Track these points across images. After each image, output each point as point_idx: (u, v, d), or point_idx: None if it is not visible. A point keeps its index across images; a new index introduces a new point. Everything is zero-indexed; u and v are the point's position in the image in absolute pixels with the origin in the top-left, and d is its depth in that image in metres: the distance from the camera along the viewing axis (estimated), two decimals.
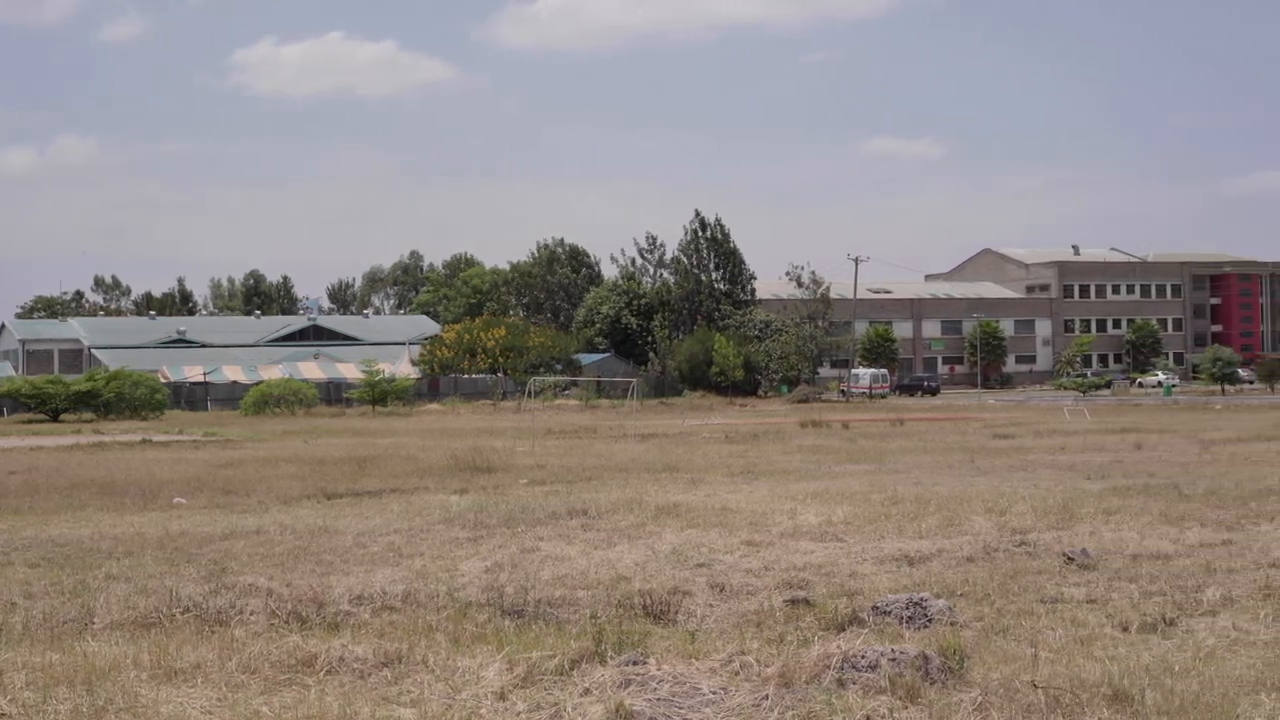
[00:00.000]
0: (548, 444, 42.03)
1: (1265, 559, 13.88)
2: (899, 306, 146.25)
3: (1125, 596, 11.75)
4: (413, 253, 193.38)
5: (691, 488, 24.67)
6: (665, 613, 11.27)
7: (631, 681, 8.39)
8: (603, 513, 19.73)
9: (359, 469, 30.14)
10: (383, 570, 14.42)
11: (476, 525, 18.50)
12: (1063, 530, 16.82)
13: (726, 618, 11.22)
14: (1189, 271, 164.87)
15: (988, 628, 10.47)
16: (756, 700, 8.03)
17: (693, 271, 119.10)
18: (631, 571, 13.93)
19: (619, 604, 11.71)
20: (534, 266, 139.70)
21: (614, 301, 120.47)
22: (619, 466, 31.09)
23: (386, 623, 11.00)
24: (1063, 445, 37.73)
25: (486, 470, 29.33)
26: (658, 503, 21.04)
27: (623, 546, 16.10)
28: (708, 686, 8.33)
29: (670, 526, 18.00)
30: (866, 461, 32.61)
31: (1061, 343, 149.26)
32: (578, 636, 9.88)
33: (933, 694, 8.10)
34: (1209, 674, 8.61)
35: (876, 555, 14.92)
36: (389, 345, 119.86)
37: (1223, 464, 29.07)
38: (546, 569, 14.28)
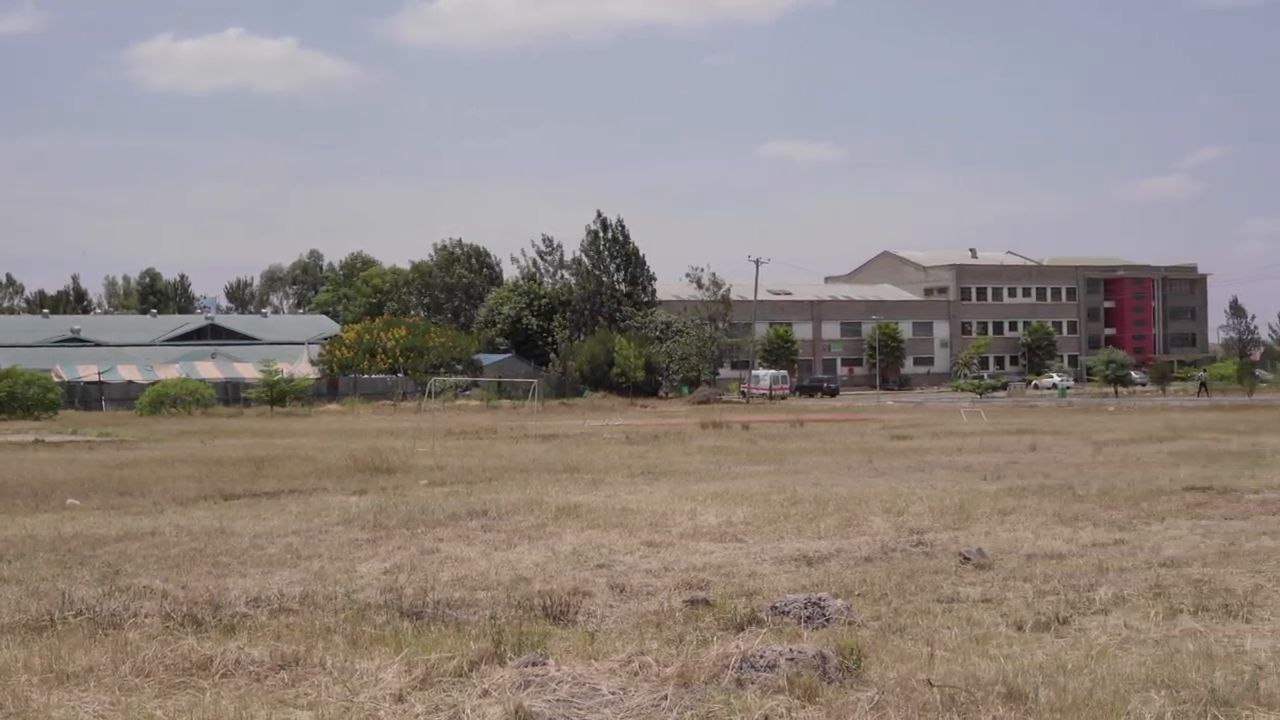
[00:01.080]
0: (448, 445, 41.84)
1: (1156, 558, 14.09)
2: (799, 308, 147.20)
3: (1020, 596, 11.88)
4: (312, 252, 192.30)
5: (592, 488, 24.66)
6: (565, 613, 11.26)
7: (531, 682, 8.38)
8: (503, 514, 19.68)
9: (256, 470, 29.84)
10: (280, 572, 14.29)
11: (375, 526, 18.39)
12: (959, 530, 16.99)
13: (626, 618, 11.22)
14: (1083, 275, 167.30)
15: (885, 627, 10.55)
16: (655, 700, 8.04)
17: (593, 272, 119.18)
18: (532, 572, 13.91)
19: (519, 605, 11.68)
20: (435, 267, 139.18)
21: (515, 302, 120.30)
22: (520, 467, 31.02)
23: (283, 625, 10.90)
24: (959, 446, 38.09)
25: (386, 471, 29.16)
26: (558, 503, 21.02)
27: (523, 547, 16.07)
28: (607, 687, 8.33)
29: (571, 527, 17.99)
30: (766, 462, 32.74)
31: (959, 345, 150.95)
32: (477, 638, 9.84)
33: (830, 693, 8.15)
34: (1101, 671, 8.73)
35: (776, 555, 14.99)
36: (288, 345, 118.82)
37: (1115, 465, 29.48)
38: (446, 570, 14.22)
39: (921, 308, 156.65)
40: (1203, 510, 18.85)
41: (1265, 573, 12.77)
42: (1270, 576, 12.50)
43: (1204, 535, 16.05)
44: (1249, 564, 13.48)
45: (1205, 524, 17.21)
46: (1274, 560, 13.66)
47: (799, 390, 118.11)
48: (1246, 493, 21.16)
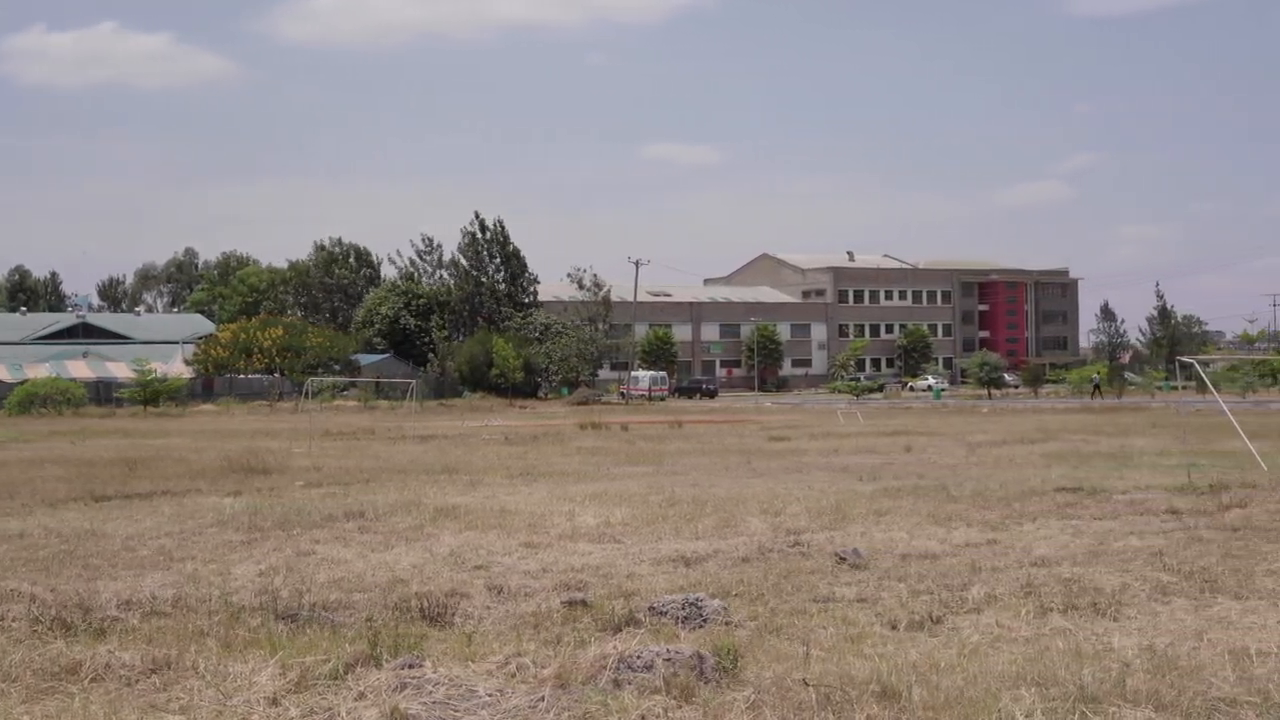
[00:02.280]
0: (325, 445, 41.48)
1: (1027, 558, 14.29)
2: (678, 310, 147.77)
3: (894, 595, 12.00)
4: (187, 250, 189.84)
5: (470, 489, 24.56)
6: (442, 615, 11.20)
7: (407, 685, 8.33)
8: (380, 515, 19.55)
9: (129, 471, 29.37)
10: (152, 574, 14.08)
11: (251, 528, 18.17)
12: (835, 531, 17.12)
13: (504, 620, 11.19)
14: (958, 278, 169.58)
15: (762, 627, 10.60)
16: (533, 702, 8.03)
17: (472, 273, 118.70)
18: (409, 574, 13.82)
19: (396, 607, 11.60)
20: (313, 266, 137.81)
21: (393, 302, 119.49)
22: (397, 468, 30.82)
23: (155, 628, 10.74)
24: (836, 448, 38.40)
25: (262, 472, 28.83)
26: (436, 504, 20.92)
27: (400, 549, 15.97)
28: (484, 689, 8.30)
29: (448, 528, 17.91)
30: (645, 463, 32.80)
31: (836, 347, 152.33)
32: (353, 640, 9.77)
33: (707, 693, 8.18)
34: (973, 670, 8.83)
35: (654, 556, 15.02)
36: (162, 344, 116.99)
37: (988, 466, 29.88)
38: (322, 572, 14.10)
39: (799, 310, 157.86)
40: (1073, 510, 19.15)
41: (1133, 572, 13.00)
42: (1137, 575, 12.73)
43: (1074, 535, 16.31)
44: (1117, 563, 13.72)
45: (1075, 524, 17.48)
46: (1141, 560, 13.91)
47: (678, 391, 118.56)
48: (1115, 493, 21.54)
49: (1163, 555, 14.13)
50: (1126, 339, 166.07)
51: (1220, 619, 10.71)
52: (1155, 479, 24.25)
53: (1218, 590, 11.98)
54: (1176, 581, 12.41)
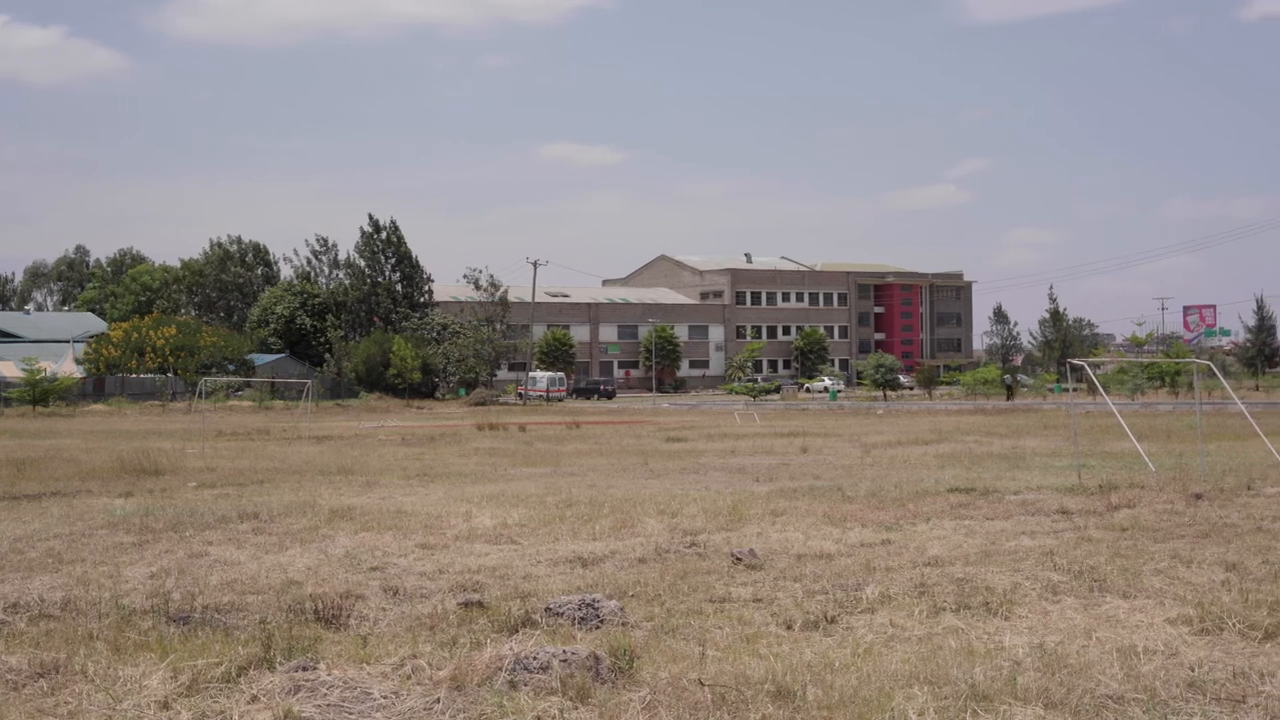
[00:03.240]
0: (219, 446, 41.05)
1: (921, 557, 14.42)
2: (576, 310, 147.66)
3: (790, 595, 12.06)
4: (79, 248, 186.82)
5: (366, 490, 24.41)
6: (337, 617, 11.11)
7: (301, 688, 8.27)
8: (275, 516, 19.37)
9: (17, 472, 28.88)
10: (41, 577, 13.85)
11: (142, 530, 17.93)
12: (732, 531, 17.18)
13: (400, 621, 11.12)
14: (855, 281, 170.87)
15: (658, 627, 10.62)
16: (428, 704, 8.00)
17: (367, 273, 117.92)
18: (303, 576, 13.71)
19: (290, 609, 11.50)
20: (207, 264, 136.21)
21: (289, 301, 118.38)
22: (292, 469, 30.57)
23: (43, 631, 10.57)
24: (733, 449, 38.56)
25: (154, 473, 28.47)
26: (332, 506, 20.77)
27: (295, 550, 15.83)
28: (379, 691, 8.26)
29: (344, 530, 17.77)
30: (542, 464, 32.76)
31: (734, 348, 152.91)
32: (246, 643, 9.67)
33: (603, 693, 8.19)
34: (867, 669, 8.90)
35: (551, 557, 15.00)
36: (52, 343, 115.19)
37: (883, 467, 30.13)
38: (215, 574, 13.93)
39: (697, 311, 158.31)
40: (966, 511, 19.35)
41: (1024, 571, 13.15)
42: (1028, 575, 12.88)
43: (967, 535, 16.48)
44: (1009, 563, 13.88)
45: (968, 524, 17.67)
46: (1032, 559, 14.08)
47: (576, 392, 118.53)
48: (1007, 494, 21.79)
49: (1053, 555, 14.31)
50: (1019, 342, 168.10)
51: (1108, 617, 10.86)
52: (1046, 480, 24.56)
53: (1106, 589, 12.15)
54: (1066, 581, 12.58)
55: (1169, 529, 16.62)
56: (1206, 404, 43.38)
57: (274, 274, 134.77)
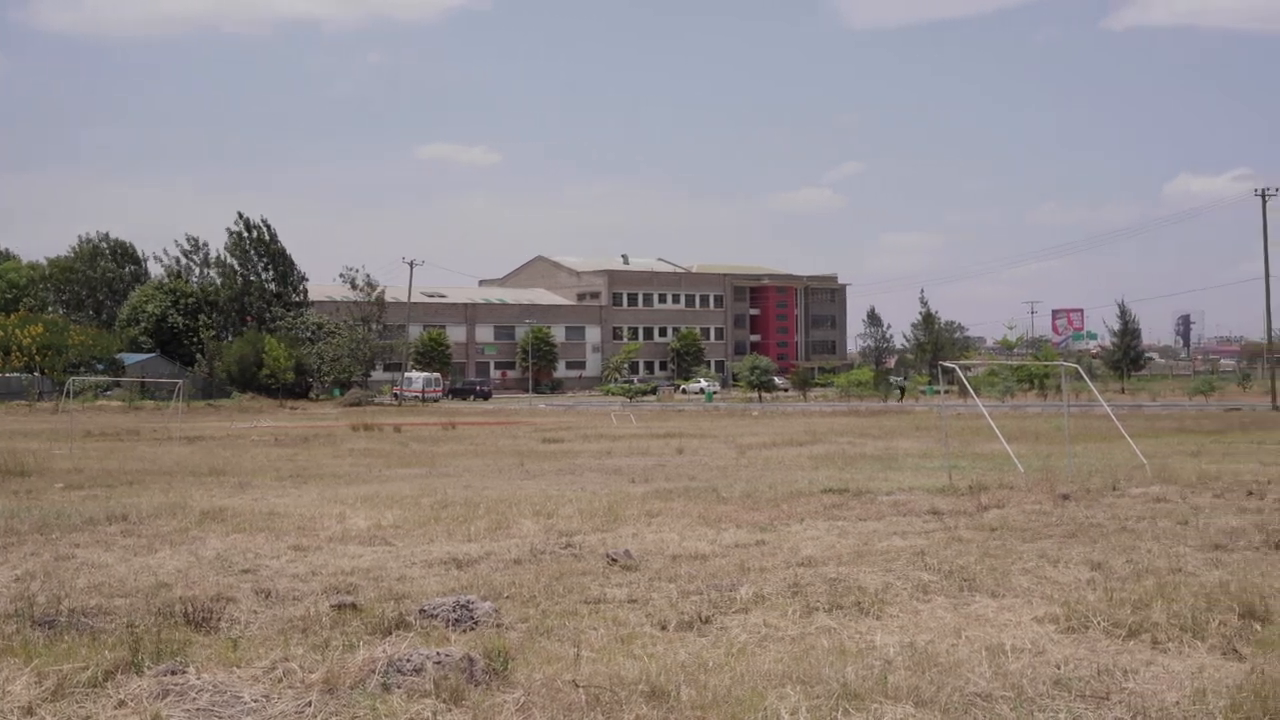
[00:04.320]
0: (87, 447, 40.35)
1: (795, 558, 14.53)
2: (453, 311, 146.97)
3: (665, 596, 12.09)
4: None
5: (238, 492, 24.13)
6: (208, 620, 10.97)
7: (170, 692, 8.15)
8: (144, 518, 19.07)
9: None
10: None
11: (7, 532, 17.55)
12: (607, 532, 17.20)
13: (272, 624, 11.00)
14: (731, 283, 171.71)
15: (533, 629, 10.60)
16: (299, 707, 7.92)
17: (240, 272, 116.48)
18: (173, 578, 13.50)
19: (159, 612, 11.31)
20: (75, 262, 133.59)
21: (160, 300, 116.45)
22: (163, 470, 30.14)
23: None
24: (609, 450, 38.61)
25: (19, 474, 27.91)
26: (203, 507, 20.49)
27: (165, 552, 15.59)
28: (249, 694, 8.17)
29: (215, 532, 17.54)
30: (418, 465, 32.61)
31: (610, 349, 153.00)
32: (113, 647, 9.51)
33: (477, 695, 8.16)
34: (740, 669, 8.95)
35: (425, 559, 14.92)
36: None
37: (758, 468, 30.33)
38: (82, 577, 13.68)
39: (574, 312, 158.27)
40: (839, 511, 19.52)
41: (895, 571, 13.29)
42: (900, 575, 13.02)
43: (840, 536, 16.62)
44: (881, 563, 14.02)
45: (841, 525, 17.82)
46: (904, 559, 14.24)
47: (452, 393, 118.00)
48: (880, 494, 22.02)
49: (924, 555, 14.48)
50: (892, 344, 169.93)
51: (978, 616, 11.02)
52: (918, 481, 24.86)
53: (976, 589, 12.33)
54: (937, 580, 12.74)
55: (1037, 529, 16.89)
56: (1074, 406, 44.15)
57: (143, 272, 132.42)
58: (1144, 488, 22.18)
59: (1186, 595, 11.42)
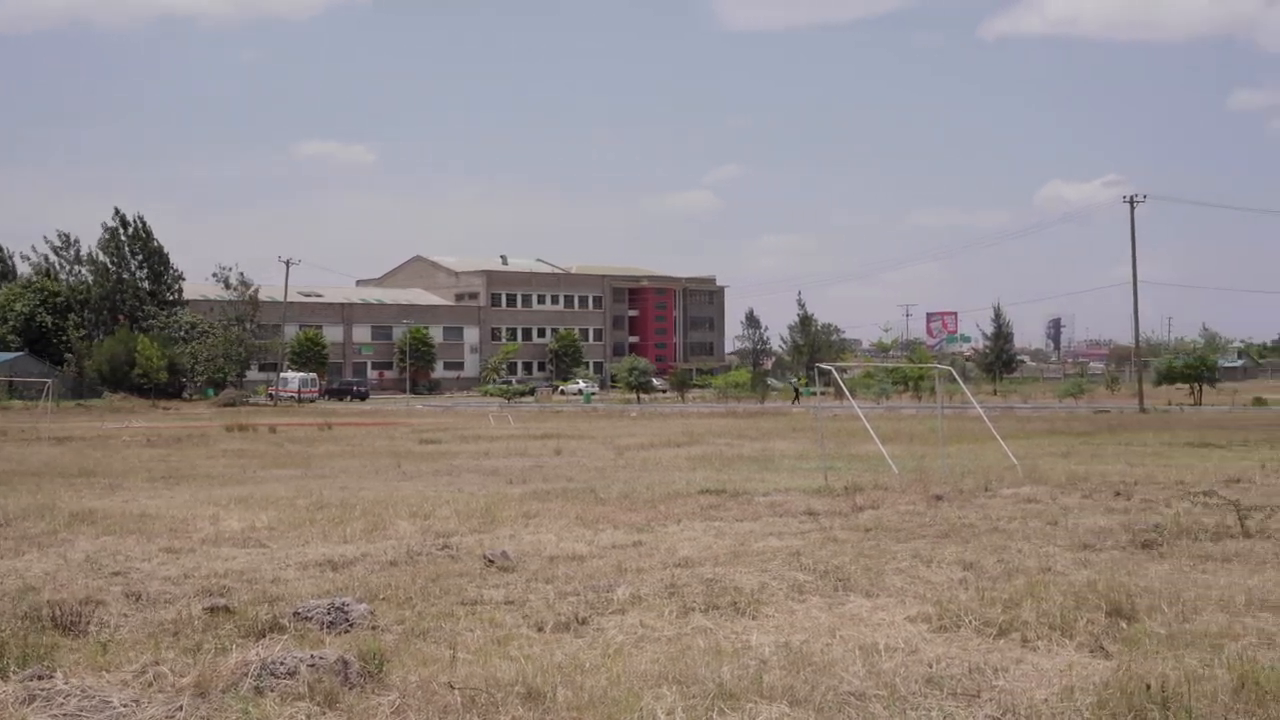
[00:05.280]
0: None
1: (671, 558, 14.58)
2: (330, 311, 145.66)
3: (542, 597, 12.08)
4: None
5: (109, 493, 23.76)
6: (76, 624, 10.78)
7: (36, 697, 8.00)
8: (11, 519, 18.71)
9: None
10: None
11: None
12: (484, 533, 17.15)
13: (142, 627, 10.84)
14: (610, 284, 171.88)
15: (409, 631, 10.55)
16: (170, 711, 7.82)
17: (113, 270, 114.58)
18: (40, 581, 13.25)
19: (25, 616, 11.09)
20: None
21: (28, 299, 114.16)
22: (31, 471, 29.60)
23: None
24: (487, 451, 38.51)
25: None
26: (72, 509, 20.15)
27: (32, 555, 15.32)
28: (119, 699, 8.04)
29: (85, 534, 17.25)
30: (293, 466, 32.32)
31: (489, 350, 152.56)
32: None
33: (351, 698, 8.11)
34: (617, 669, 8.97)
35: (300, 560, 14.79)
36: None
37: (635, 469, 30.39)
38: None
39: (452, 313, 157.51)
40: (716, 512, 19.61)
41: (771, 571, 13.38)
42: (776, 575, 13.11)
43: (716, 536, 16.70)
44: (757, 563, 14.11)
45: (718, 525, 17.92)
46: (780, 559, 14.35)
47: (328, 393, 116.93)
48: (756, 495, 22.16)
49: (800, 555, 14.60)
50: (769, 346, 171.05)
51: (852, 616, 11.13)
52: (794, 481, 25.06)
53: (850, 588, 12.45)
54: (812, 580, 12.85)
55: (911, 529, 17.09)
56: (948, 408, 44.74)
57: (9, 270, 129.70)
58: (1015, 488, 22.54)
59: (1056, 594, 11.61)
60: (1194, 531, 16.25)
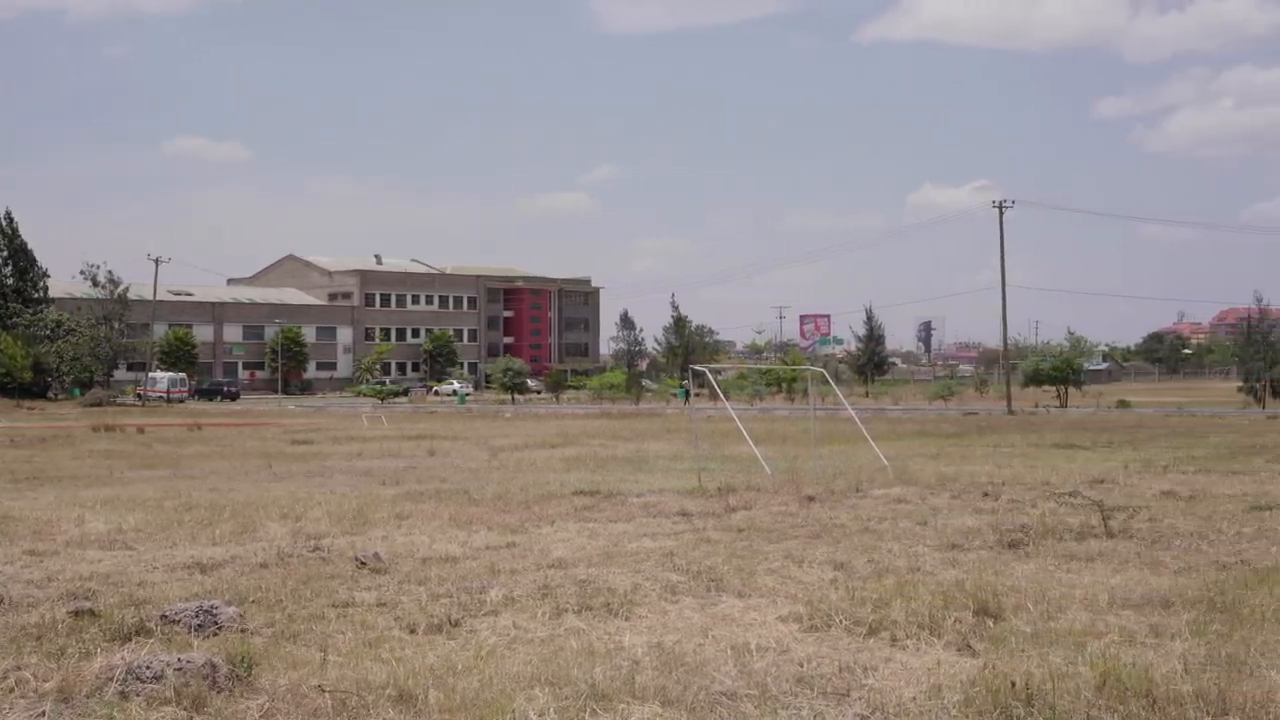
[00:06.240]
0: None
1: (545, 560, 14.57)
2: (200, 310, 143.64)
3: (414, 599, 12.01)
4: None
5: None
6: None
7: None
8: None
9: None
10: None
11: None
12: (357, 535, 17.04)
13: (4, 632, 10.62)
14: (484, 285, 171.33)
15: (279, 633, 10.44)
16: (32, 717, 7.69)
17: None
18: None
19: None
20: None
21: None
22: None
23: None
24: (360, 451, 38.25)
25: None
26: None
27: None
28: None
29: None
30: (161, 468, 31.87)
31: (363, 350, 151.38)
32: None
33: (219, 702, 8.02)
34: (489, 671, 8.95)
35: (168, 563, 14.59)
36: None
37: (510, 470, 30.34)
38: None
39: (326, 312, 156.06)
40: (590, 513, 19.64)
41: (644, 572, 13.43)
42: (649, 576, 13.16)
43: (590, 537, 16.72)
44: (630, 564, 14.15)
45: (592, 526, 17.94)
46: (653, 560, 14.40)
47: (198, 393, 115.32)
48: (630, 496, 22.21)
49: (673, 556, 14.67)
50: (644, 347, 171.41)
51: (724, 616, 11.19)
52: (668, 482, 25.15)
53: (723, 589, 12.52)
54: (685, 581, 12.90)
55: (783, 530, 17.23)
56: (820, 409, 45.13)
57: None
58: (886, 489, 22.80)
59: (924, 594, 11.77)
60: (1059, 532, 16.56)
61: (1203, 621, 10.64)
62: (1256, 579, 12.85)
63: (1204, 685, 8.32)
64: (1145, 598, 11.80)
